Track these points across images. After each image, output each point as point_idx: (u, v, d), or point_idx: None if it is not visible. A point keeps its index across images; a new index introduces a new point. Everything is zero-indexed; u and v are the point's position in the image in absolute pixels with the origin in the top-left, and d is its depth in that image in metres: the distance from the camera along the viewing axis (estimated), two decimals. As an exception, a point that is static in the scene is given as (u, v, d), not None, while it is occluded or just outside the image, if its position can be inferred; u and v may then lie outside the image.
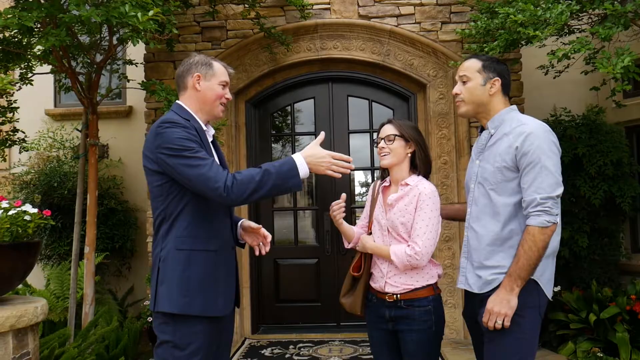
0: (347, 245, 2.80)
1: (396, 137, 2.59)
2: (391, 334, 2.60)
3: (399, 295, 2.54)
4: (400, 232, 2.54)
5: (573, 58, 4.84)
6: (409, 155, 2.61)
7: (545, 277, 2.26)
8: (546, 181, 2.15)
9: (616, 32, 3.07)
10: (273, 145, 5.78)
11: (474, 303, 2.37)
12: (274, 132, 5.79)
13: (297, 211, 5.76)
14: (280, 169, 2.16)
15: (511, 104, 2.44)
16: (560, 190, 2.18)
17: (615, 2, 3.14)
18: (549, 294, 2.28)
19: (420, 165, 2.61)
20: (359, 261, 2.71)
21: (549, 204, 2.14)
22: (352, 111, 5.60)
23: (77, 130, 4.76)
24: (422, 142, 2.63)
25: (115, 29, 4.25)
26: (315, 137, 2.34)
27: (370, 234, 2.71)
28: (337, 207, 2.64)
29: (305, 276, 5.58)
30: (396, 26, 5.20)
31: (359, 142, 5.65)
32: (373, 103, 5.57)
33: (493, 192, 2.29)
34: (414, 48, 5.21)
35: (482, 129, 2.46)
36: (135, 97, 6.24)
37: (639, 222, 5.62)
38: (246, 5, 5.10)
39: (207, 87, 2.35)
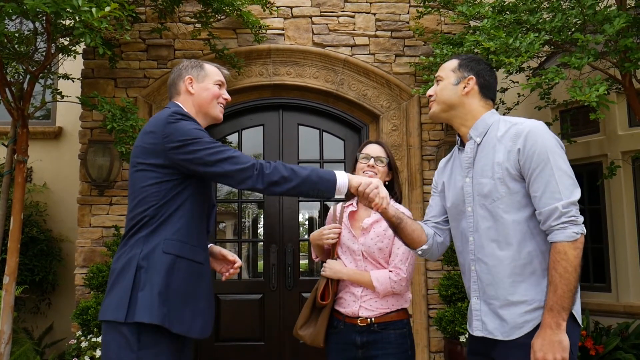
0: (315, 259, 2.75)
1: (387, 162, 2.62)
2: None
3: (373, 319, 2.44)
4: (377, 257, 2.50)
5: (522, 95, 4.99)
6: (386, 183, 2.64)
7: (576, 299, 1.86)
8: (562, 183, 1.80)
9: (586, 63, 3.13)
10: (217, 173, 5.47)
11: (489, 349, 1.94)
12: (218, 159, 5.50)
13: (241, 243, 5.45)
14: (317, 169, 2.09)
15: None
16: (578, 192, 1.83)
17: (587, 34, 3.22)
18: (580, 319, 1.89)
19: (398, 192, 2.67)
20: (325, 288, 2.55)
21: (573, 212, 1.79)
22: (302, 140, 5.43)
23: (4, 145, 4.27)
24: (397, 171, 2.71)
25: (54, 36, 3.89)
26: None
27: (335, 259, 2.59)
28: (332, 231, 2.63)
29: (248, 313, 5.21)
30: (351, 56, 5.15)
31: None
32: (324, 133, 5.44)
33: (498, 209, 1.91)
34: (368, 78, 5.17)
35: (462, 142, 2.11)
36: (66, 118, 5.77)
37: (578, 259, 5.75)
38: (197, 25, 4.88)
39: (201, 88, 2.20)
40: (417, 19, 5.00)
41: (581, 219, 1.81)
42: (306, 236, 5.44)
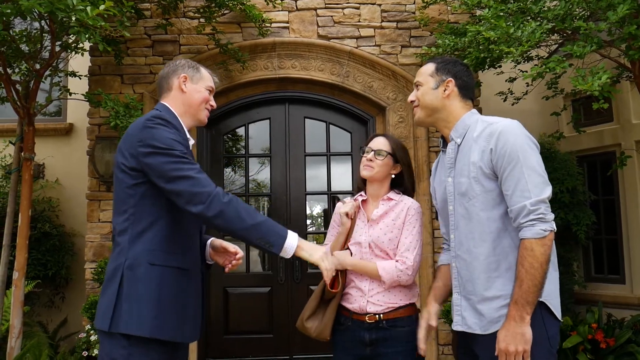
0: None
1: (388, 154, 2.52)
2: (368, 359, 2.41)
3: (381, 315, 2.39)
4: (385, 247, 2.44)
5: (531, 85, 4.90)
6: (393, 175, 2.54)
7: (553, 294, 1.91)
8: (532, 182, 1.85)
9: (589, 51, 3.06)
10: (225, 168, 5.49)
11: (470, 342, 2.01)
12: (226, 154, 5.52)
13: (250, 237, 5.46)
14: (272, 222, 2.04)
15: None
16: (549, 190, 1.87)
17: (589, 22, 3.14)
18: (559, 314, 1.92)
19: (408, 186, 2.58)
20: (334, 278, 2.47)
21: (542, 210, 1.83)
22: (308, 133, 5.42)
23: (11, 143, 4.34)
24: (410, 164, 2.58)
25: (59, 34, 3.92)
26: (271, 160, 2.23)
27: (346, 249, 2.53)
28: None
29: (256, 306, 5.24)
30: (356, 48, 5.11)
31: (315, 166, 5.46)
32: (331, 126, 5.42)
33: (474, 207, 1.96)
34: (374, 70, 5.12)
35: (445, 143, 2.17)
36: (76, 115, 5.84)
37: (592, 250, 5.66)
38: (202, 20, 4.89)
39: (193, 89, 2.20)
40: (422, 9, 4.94)
41: (551, 216, 1.86)
42: (313, 229, 5.45)
